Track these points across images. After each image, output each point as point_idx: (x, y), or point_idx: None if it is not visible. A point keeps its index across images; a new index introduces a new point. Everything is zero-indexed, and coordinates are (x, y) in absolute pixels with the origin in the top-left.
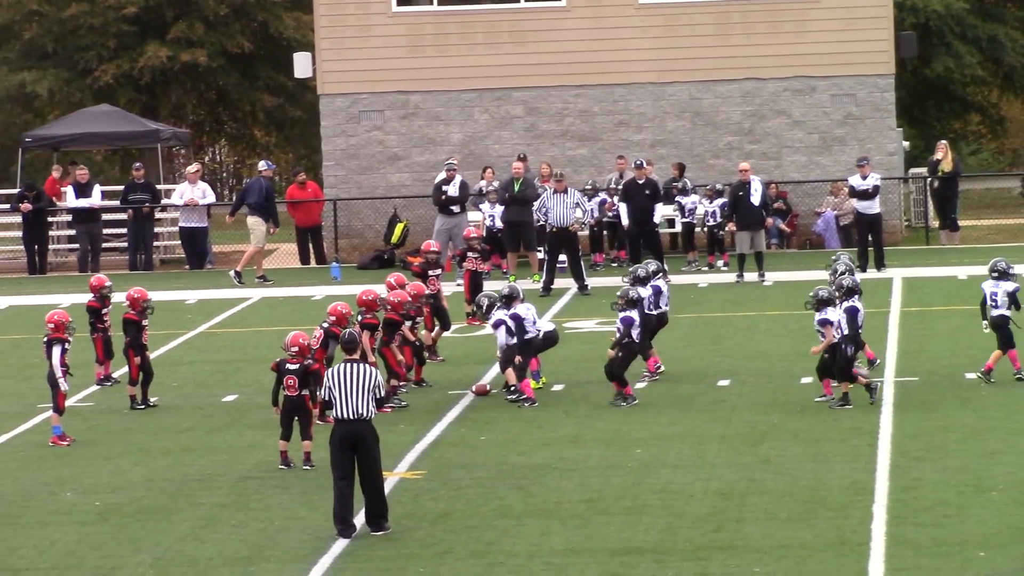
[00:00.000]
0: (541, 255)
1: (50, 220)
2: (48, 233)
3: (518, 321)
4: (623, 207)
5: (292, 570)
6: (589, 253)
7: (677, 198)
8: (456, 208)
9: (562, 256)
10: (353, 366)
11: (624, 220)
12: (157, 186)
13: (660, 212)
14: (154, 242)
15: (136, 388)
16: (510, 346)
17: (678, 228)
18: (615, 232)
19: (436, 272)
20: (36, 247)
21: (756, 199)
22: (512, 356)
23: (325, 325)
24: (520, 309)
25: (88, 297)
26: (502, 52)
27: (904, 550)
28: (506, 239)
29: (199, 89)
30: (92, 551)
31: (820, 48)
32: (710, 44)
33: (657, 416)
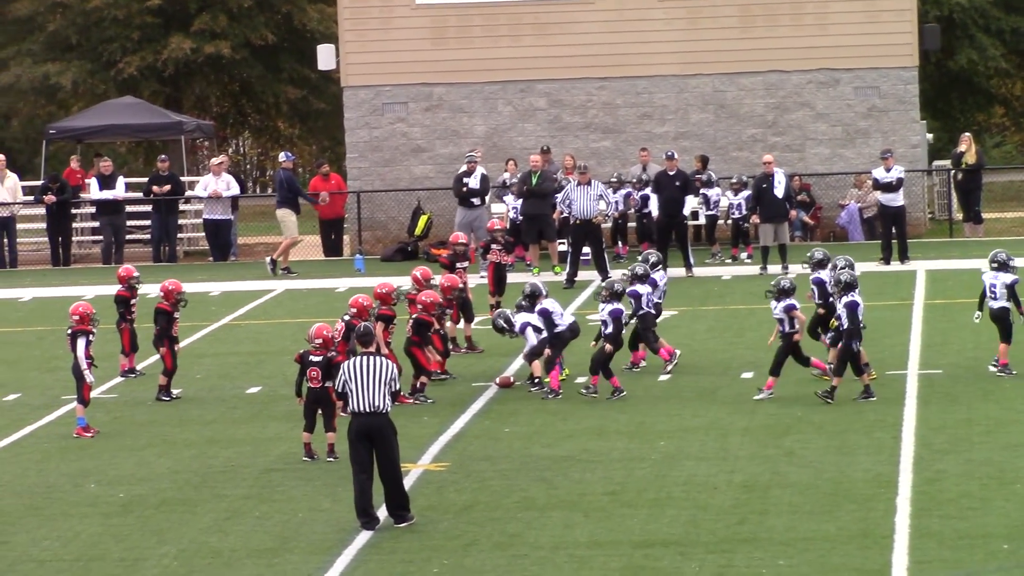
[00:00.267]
0: (564, 247)
1: (74, 212)
2: (72, 225)
3: (547, 316)
4: (654, 198)
5: (316, 562)
6: (611, 245)
7: (702, 190)
8: (476, 201)
9: (586, 248)
10: (369, 359)
11: (654, 211)
12: (181, 178)
13: (689, 204)
14: (178, 234)
15: (169, 378)
16: (540, 340)
17: (702, 220)
18: (641, 224)
19: (463, 264)
20: (60, 239)
21: (779, 191)
22: (541, 349)
23: (346, 317)
24: (547, 304)
25: (115, 288)
26: (526, 44)
27: (928, 542)
28: (525, 232)
29: (223, 81)
30: (116, 543)
31: (844, 40)
32: (733, 36)
33: (681, 408)
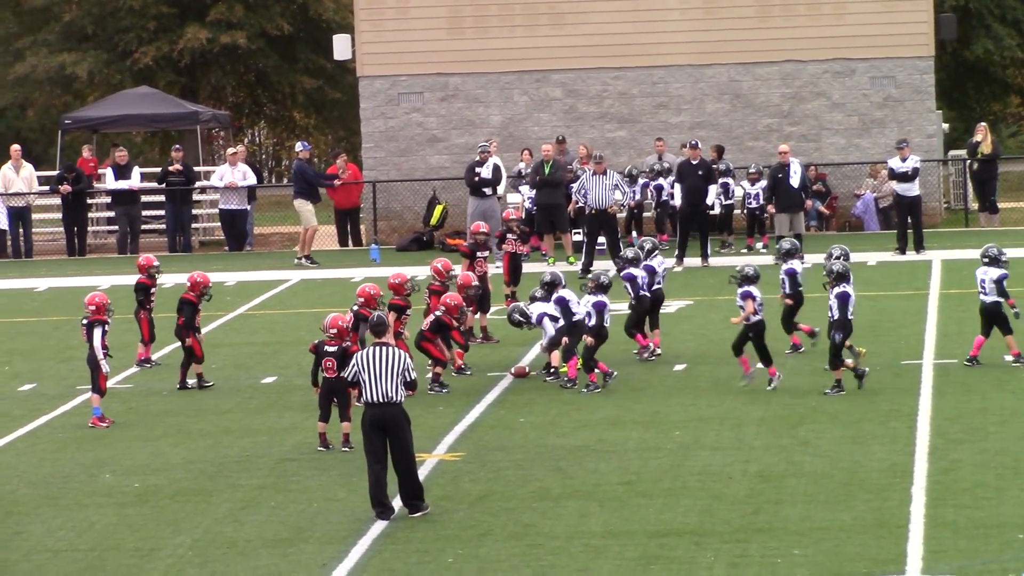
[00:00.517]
0: (579, 237)
1: (89, 202)
2: (87, 215)
3: (564, 304)
4: (677, 188)
5: (331, 552)
6: (626, 235)
7: (722, 180)
8: (488, 191)
9: (601, 238)
10: (382, 349)
11: (677, 200)
12: (195, 168)
13: (712, 193)
14: (193, 224)
15: (201, 367)
16: (558, 329)
17: (717, 210)
18: (656, 214)
19: (484, 254)
20: (75, 229)
21: (795, 181)
22: (559, 339)
23: (355, 307)
24: (564, 292)
25: (130, 278)
26: (541, 34)
27: (943, 532)
28: (538, 222)
29: (238, 71)
30: (131, 532)
31: (860, 30)
32: (749, 26)
33: (696, 398)
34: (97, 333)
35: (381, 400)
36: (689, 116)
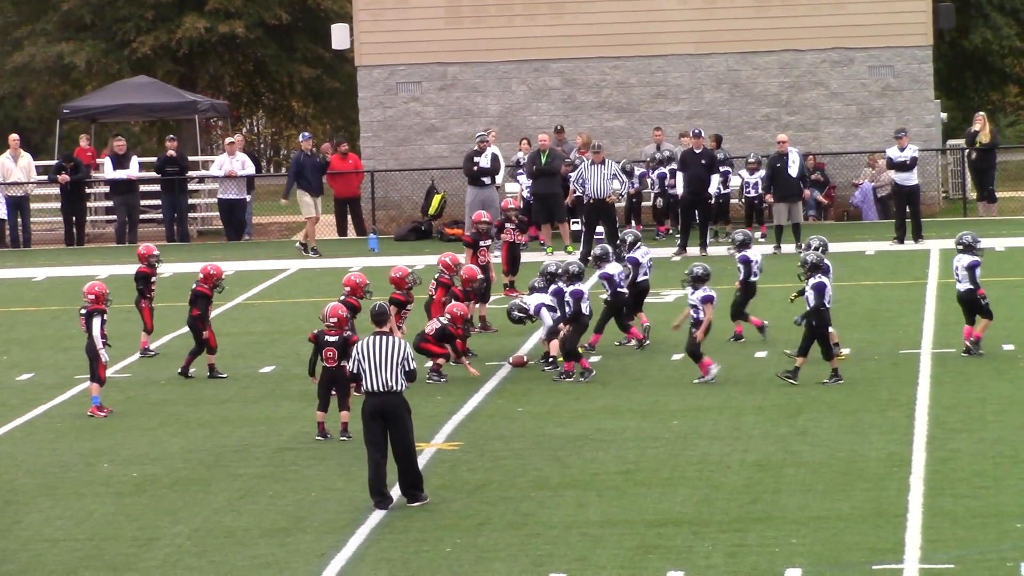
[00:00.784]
0: (578, 226)
1: (88, 192)
2: (86, 204)
3: (560, 296)
4: (679, 176)
5: (329, 541)
6: (625, 224)
7: (723, 169)
8: (487, 180)
9: (599, 228)
10: (382, 338)
11: (679, 189)
12: (194, 157)
13: (714, 182)
14: (190, 213)
15: (214, 357)
16: (555, 319)
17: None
18: (654, 204)
19: (486, 243)
20: (74, 218)
21: (794, 171)
22: (557, 328)
23: (342, 297)
24: (560, 284)
25: (128, 268)
26: (540, 23)
27: (941, 521)
28: (536, 212)
29: (237, 61)
30: (129, 522)
31: (858, 19)
32: (748, 16)
33: (694, 388)
34: (96, 322)
35: (381, 389)
36: (687, 105)
